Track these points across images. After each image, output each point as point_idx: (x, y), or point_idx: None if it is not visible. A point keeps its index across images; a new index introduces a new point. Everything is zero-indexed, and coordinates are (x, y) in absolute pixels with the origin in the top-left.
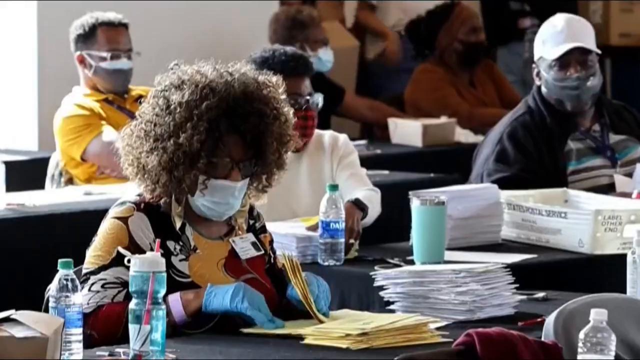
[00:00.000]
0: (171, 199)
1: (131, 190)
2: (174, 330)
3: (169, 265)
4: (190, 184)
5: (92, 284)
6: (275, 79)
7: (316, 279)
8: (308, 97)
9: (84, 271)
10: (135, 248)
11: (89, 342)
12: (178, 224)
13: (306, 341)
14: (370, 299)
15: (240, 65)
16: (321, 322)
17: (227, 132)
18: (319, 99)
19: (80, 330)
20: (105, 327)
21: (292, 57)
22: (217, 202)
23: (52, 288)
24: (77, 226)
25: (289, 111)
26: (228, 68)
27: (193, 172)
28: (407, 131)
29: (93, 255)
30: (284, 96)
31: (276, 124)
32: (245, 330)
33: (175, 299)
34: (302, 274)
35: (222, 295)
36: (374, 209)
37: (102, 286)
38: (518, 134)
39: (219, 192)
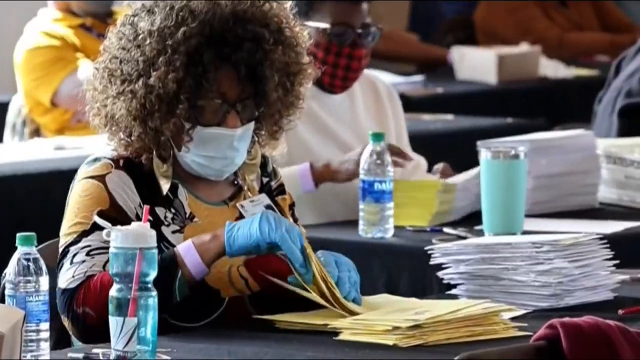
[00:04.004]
0: (152, 156)
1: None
2: (194, 291)
3: (160, 238)
4: (173, 136)
5: (74, 255)
6: None
7: (333, 257)
8: (360, 31)
9: (61, 248)
10: (119, 213)
11: (83, 325)
12: (165, 187)
13: (341, 336)
14: (426, 282)
15: None
16: (352, 312)
17: (214, 66)
18: (375, 33)
19: (47, 325)
20: (100, 299)
21: None
22: (211, 156)
23: (9, 271)
24: (45, 190)
25: (299, 32)
26: None
27: (172, 121)
28: (477, 63)
29: (68, 226)
30: (292, 12)
31: (278, 50)
32: (260, 317)
33: (187, 247)
34: (313, 255)
35: (247, 227)
36: None
37: (88, 254)
38: None
39: (212, 144)
